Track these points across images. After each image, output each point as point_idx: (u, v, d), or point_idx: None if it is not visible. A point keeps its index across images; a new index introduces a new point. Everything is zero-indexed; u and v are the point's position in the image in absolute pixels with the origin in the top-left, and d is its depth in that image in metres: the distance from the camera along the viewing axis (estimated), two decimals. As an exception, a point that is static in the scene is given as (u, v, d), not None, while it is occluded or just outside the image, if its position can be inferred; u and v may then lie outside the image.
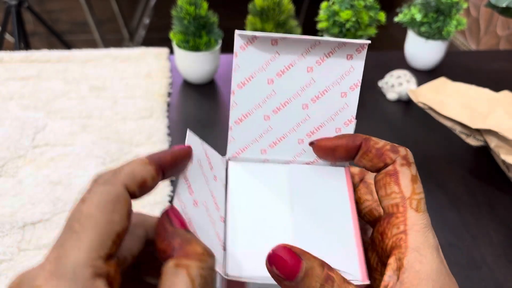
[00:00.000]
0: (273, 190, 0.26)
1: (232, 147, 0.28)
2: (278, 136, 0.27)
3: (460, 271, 0.49)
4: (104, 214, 0.18)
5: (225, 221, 0.25)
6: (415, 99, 0.63)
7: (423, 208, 0.23)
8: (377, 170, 0.25)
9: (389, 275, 0.22)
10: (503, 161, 0.58)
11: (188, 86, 0.77)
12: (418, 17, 0.80)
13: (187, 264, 0.18)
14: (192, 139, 0.25)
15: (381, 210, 0.27)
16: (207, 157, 0.26)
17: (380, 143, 0.25)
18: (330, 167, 0.28)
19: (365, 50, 0.25)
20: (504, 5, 0.63)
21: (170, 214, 0.21)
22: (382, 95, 0.78)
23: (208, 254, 0.19)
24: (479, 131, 0.59)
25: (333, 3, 0.79)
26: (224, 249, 0.24)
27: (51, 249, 0.18)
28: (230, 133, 0.27)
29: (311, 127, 0.27)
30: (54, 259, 0.17)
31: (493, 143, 0.57)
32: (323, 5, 0.80)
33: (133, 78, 0.76)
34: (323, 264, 0.21)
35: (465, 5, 0.80)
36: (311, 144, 0.27)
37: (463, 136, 0.61)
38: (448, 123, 0.61)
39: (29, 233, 0.49)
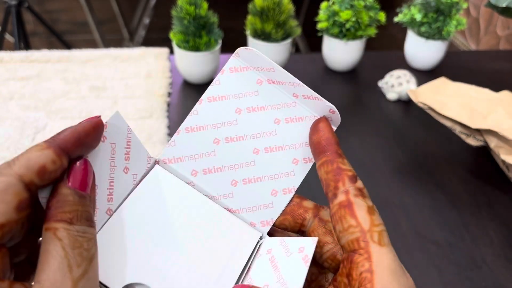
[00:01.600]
0: (178, 215, 0.25)
1: (168, 151, 0.26)
2: (216, 165, 0.26)
3: (460, 271, 0.49)
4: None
5: (110, 216, 0.23)
6: (415, 99, 0.63)
7: (387, 241, 0.21)
8: (330, 193, 0.23)
9: None
10: (503, 161, 0.58)
11: (188, 86, 0.77)
12: (418, 17, 0.80)
13: (55, 227, 0.18)
14: (117, 121, 0.23)
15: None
16: (127, 146, 0.24)
17: (344, 167, 0.24)
18: (247, 227, 0.26)
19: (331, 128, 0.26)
20: (504, 5, 0.63)
21: (72, 171, 0.20)
22: (382, 95, 0.78)
23: (79, 219, 0.19)
24: (479, 131, 0.59)
25: (333, 3, 0.79)
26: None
27: None
28: (175, 136, 0.26)
29: (250, 175, 0.26)
30: None
31: (493, 143, 0.57)
32: (323, 5, 0.80)
33: (133, 78, 0.76)
34: None
35: (465, 5, 0.80)
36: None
37: (463, 136, 0.61)
38: (448, 123, 0.61)
39: (29, 233, 0.49)
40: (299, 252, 0.23)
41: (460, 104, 0.61)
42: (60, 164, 0.20)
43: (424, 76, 0.83)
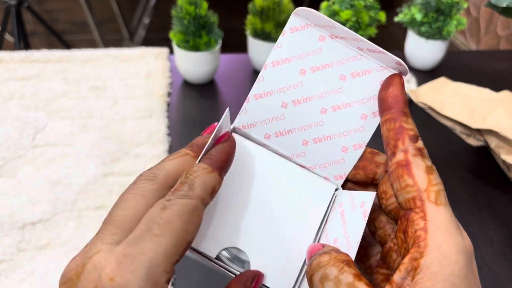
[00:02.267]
0: (258, 176, 0.26)
1: (241, 118, 0.27)
2: (286, 127, 0.27)
3: (460, 271, 0.49)
4: (182, 223, 0.19)
5: None
6: (415, 99, 0.63)
7: (444, 201, 0.21)
8: (389, 151, 0.23)
9: (400, 276, 0.19)
10: (503, 161, 0.58)
11: (188, 86, 0.77)
12: (418, 17, 0.80)
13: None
14: (226, 117, 0.25)
15: None
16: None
17: (406, 125, 0.23)
18: (323, 181, 0.27)
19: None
20: (504, 5, 0.63)
21: (257, 282, 0.23)
22: (382, 95, 0.78)
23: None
24: (479, 131, 0.59)
25: (333, 3, 0.79)
26: None
27: (123, 244, 0.19)
28: (245, 104, 0.27)
29: (320, 134, 0.27)
30: (129, 254, 0.18)
31: (493, 143, 0.57)
32: (323, 5, 0.80)
33: (133, 78, 0.76)
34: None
35: (465, 5, 0.80)
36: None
37: (463, 136, 0.61)
38: (448, 123, 0.61)
39: (28, 233, 0.49)
40: (361, 206, 0.24)
41: (460, 104, 0.61)
42: (221, 184, 0.22)
43: (424, 76, 0.83)
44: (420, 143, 0.23)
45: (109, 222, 0.21)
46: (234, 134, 0.27)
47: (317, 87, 0.26)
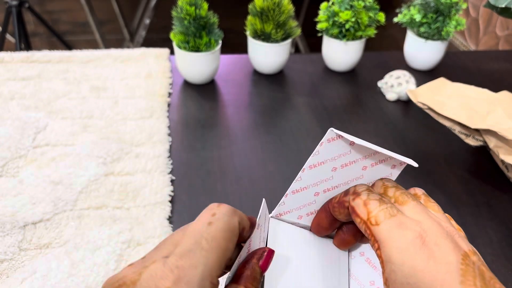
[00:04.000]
0: (294, 249, 0.32)
1: (279, 209, 0.33)
2: (317, 208, 0.33)
3: (459, 271, 0.50)
4: (225, 241, 0.22)
5: None
6: (414, 99, 0.63)
7: (382, 218, 0.25)
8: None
9: None
10: (502, 161, 0.59)
11: (188, 86, 0.78)
12: (418, 17, 0.80)
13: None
14: (264, 209, 0.30)
15: None
16: (266, 223, 0.31)
17: (335, 197, 0.30)
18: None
19: (404, 165, 0.31)
20: (503, 5, 0.63)
21: (267, 255, 0.26)
22: (381, 95, 0.78)
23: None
24: (478, 131, 0.59)
25: (332, 4, 0.79)
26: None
27: (175, 256, 0.21)
28: (284, 199, 0.32)
29: None
30: (181, 267, 0.20)
31: (492, 143, 0.57)
32: (323, 5, 0.80)
33: (134, 79, 0.76)
34: None
35: (464, 6, 0.80)
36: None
37: (462, 136, 0.61)
38: (447, 123, 0.61)
39: (30, 233, 0.49)
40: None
41: (460, 104, 0.61)
42: (247, 235, 0.26)
43: (423, 76, 0.83)
44: (354, 188, 0.29)
45: (168, 240, 0.23)
46: (271, 219, 0.33)
47: (344, 177, 0.31)
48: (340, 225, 0.32)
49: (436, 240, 0.23)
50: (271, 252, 0.27)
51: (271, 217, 0.33)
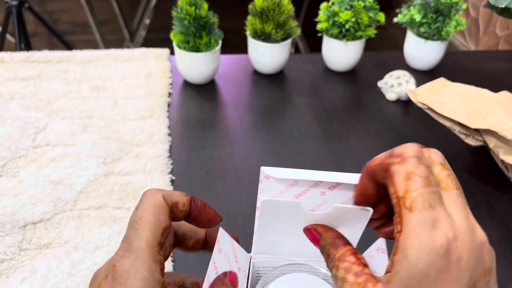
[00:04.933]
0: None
1: (255, 247, 0.33)
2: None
3: (459, 271, 0.50)
4: (153, 216, 0.27)
5: None
6: (414, 99, 0.63)
7: (419, 206, 0.22)
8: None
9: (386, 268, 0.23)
10: (502, 161, 0.59)
11: (188, 86, 0.78)
12: (418, 17, 0.80)
13: None
14: (223, 235, 0.30)
15: None
16: (233, 252, 0.31)
17: (377, 157, 0.26)
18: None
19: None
20: (503, 5, 0.63)
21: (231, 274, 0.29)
22: (381, 95, 0.78)
23: None
24: (478, 131, 0.59)
25: (332, 4, 0.79)
26: None
27: (122, 241, 0.26)
28: (254, 237, 0.32)
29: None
30: (124, 247, 0.26)
31: (492, 143, 0.57)
32: (323, 5, 0.80)
33: (134, 79, 0.76)
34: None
35: (464, 6, 0.80)
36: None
37: (462, 136, 0.61)
38: (447, 123, 0.61)
39: (30, 233, 0.49)
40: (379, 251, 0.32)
41: (459, 104, 0.61)
42: (186, 209, 0.29)
43: (423, 76, 0.83)
44: (398, 150, 0.26)
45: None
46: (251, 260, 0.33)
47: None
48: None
49: (461, 253, 0.22)
50: (234, 274, 0.29)
51: (251, 257, 0.33)
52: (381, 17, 0.79)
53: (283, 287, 0.31)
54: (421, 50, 0.83)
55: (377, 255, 0.33)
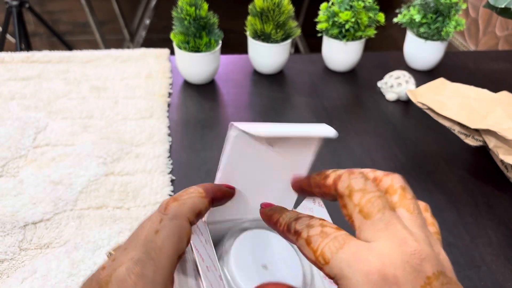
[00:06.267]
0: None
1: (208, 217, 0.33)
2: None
3: (459, 271, 0.50)
4: (173, 245, 0.25)
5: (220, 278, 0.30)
6: (414, 99, 0.63)
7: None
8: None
9: None
10: (502, 161, 0.59)
11: (188, 86, 0.78)
12: (417, 18, 0.80)
13: None
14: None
15: None
16: (198, 228, 0.30)
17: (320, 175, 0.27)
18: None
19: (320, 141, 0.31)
20: (502, 5, 0.63)
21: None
22: (381, 95, 0.78)
23: None
24: (478, 131, 0.59)
25: (332, 4, 0.79)
26: None
27: (134, 264, 0.24)
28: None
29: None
30: (140, 274, 0.23)
31: (492, 143, 0.58)
32: (323, 6, 0.80)
33: (134, 79, 0.77)
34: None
35: (464, 6, 0.80)
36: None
37: (462, 136, 0.61)
38: (447, 123, 0.61)
39: (30, 233, 0.49)
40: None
41: (459, 104, 0.61)
42: (208, 210, 0.28)
43: (423, 76, 0.83)
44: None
45: (135, 240, 0.26)
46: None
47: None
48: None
49: (395, 271, 0.21)
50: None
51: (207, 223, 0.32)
52: (381, 17, 0.80)
53: (248, 241, 0.31)
54: (420, 50, 0.83)
55: (315, 207, 0.33)
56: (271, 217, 0.28)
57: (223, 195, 0.30)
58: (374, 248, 0.22)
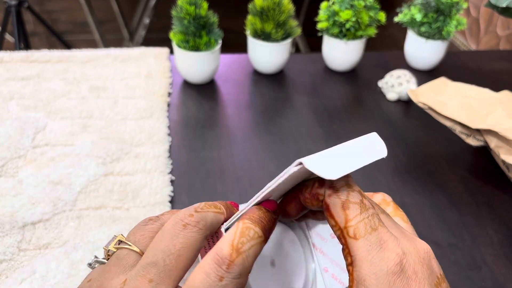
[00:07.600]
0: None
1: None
2: None
3: (460, 271, 0.50)
4: (190, 260, 0.24)
5: None
6: (415, 99, 0.63)
7: (363, 232, 0.22)
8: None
9: None
10: (503, 161, 0.58)
11: (188, 86, 0.77)
12: (418, 17, 0.80)
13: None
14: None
15: None
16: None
17: (309, 184, 0.26)
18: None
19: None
20: (504, 5, 0.63)
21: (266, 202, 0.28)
22: (382, 95, 0.78)
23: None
24: (479, 131, 0.59)
25: (333, 3, 0.79)
26: None
27: (141, 264, 0.23)
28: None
29: None
30: (155, 283, 0.22)
31: (493, 143, 0.57)
32: (323, 5, 0.80)
33: (133, 78, 0.76)
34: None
35: (465, 5, 0.80)
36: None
37: (463, 136, 0.61)
38: (448, 123, 0.61)
39: (29, 233, 0.49)
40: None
41: (460, 104, 0.61)
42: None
43: (424, 76, 0.83)
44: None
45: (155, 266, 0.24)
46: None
47: None
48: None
49: (415, 266, 0.22)
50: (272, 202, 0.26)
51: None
52: (382, 16, 0.79)
53: None
54: (421, 50, 0.82)
55: (330, 239, 0.32)
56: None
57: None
58: (398, 241, 0.22)
